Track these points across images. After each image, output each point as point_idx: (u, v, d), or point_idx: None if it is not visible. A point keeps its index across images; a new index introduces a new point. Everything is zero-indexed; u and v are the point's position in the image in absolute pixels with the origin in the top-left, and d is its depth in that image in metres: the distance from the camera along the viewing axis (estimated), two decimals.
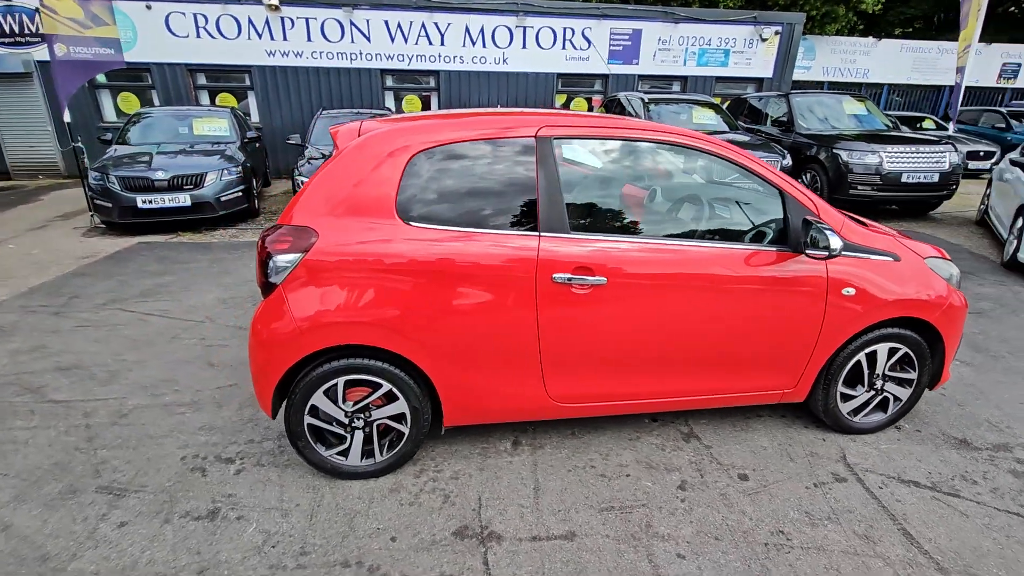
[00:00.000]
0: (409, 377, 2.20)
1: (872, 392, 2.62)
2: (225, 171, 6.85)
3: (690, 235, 2.34)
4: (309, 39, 10.47)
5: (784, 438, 2.67)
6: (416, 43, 10.77)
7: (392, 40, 10.67)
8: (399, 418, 2.28)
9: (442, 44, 10.84)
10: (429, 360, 2.17)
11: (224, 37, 10.23)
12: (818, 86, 14.80)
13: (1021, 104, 14.63)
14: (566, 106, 11.84)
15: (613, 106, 9.80)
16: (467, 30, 10.78)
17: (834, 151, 7.47)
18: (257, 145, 8.63)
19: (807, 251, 2.23)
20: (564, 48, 11.18)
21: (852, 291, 2.36)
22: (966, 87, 15.81)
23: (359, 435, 2.28)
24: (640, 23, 11.16)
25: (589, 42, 11.19)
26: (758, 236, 2.39)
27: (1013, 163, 5.98)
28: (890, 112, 14.34)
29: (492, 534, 2.07)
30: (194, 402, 2.95)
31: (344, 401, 2.22)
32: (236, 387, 3.10)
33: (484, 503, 2.23)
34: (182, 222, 6.79)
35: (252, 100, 10.93)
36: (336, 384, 2.17)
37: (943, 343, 2.55)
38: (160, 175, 6.41)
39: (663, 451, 2.57)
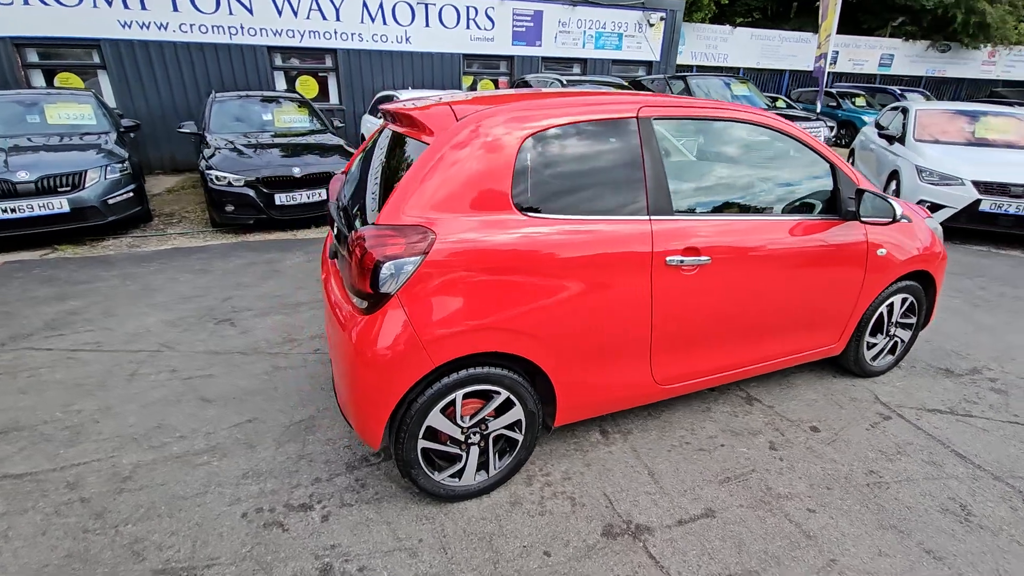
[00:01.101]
0: (526, 380, 2.05)
1: (887, 339, 3.01)
2: (108, 168, 5.66)
3: (766, 210, 2.45)
4: (175, 8, 8.95)
5: (824, 389, 2.96)
6: (308, 17, 9.75)
7: (279, 13, 9.54)
8: (513, 426, 2.12)
9: (338, 19, 9.94)
10: (551, 359, 2.03)
11: (61, 3, 8.34)
12: (688, 69, 16.25)
13: (842, 85, 17.41)
14: (473, 88, 11.62)
15: (523, 86, 9.84)
16: (365, 5, 10.01)
17: None
18: (132, 136, 7.25)
19: (863, 218, 2.47)
20: (468, 28, 10.90)
21: (884, 251, 2.67)
22: (795, 71, 18.55)
23: (475, 451, 2.08)
24: (541, 4, 11.25)
25: (492, 21, 11.04)
26: (808, 207, 2.58)
27: (880, 135, 7.13)
28: None
29: (639, 527, 2.03)
30: (213, 448, 2.45)
31: (461, 417, 2.00)
32: (257, 422, 2.63)
33: (613, 498, 2.17)
34: (58, 233, 5.50)
35: (105, 81, 9.11)
36: (455, 399, 1.95)
37: (935, 289, 3.00)
38: (23, 175, 5.10)
39: (737, 417, 2.71)
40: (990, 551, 1.94)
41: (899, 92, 15.69)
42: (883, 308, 2.86)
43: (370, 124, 8.84)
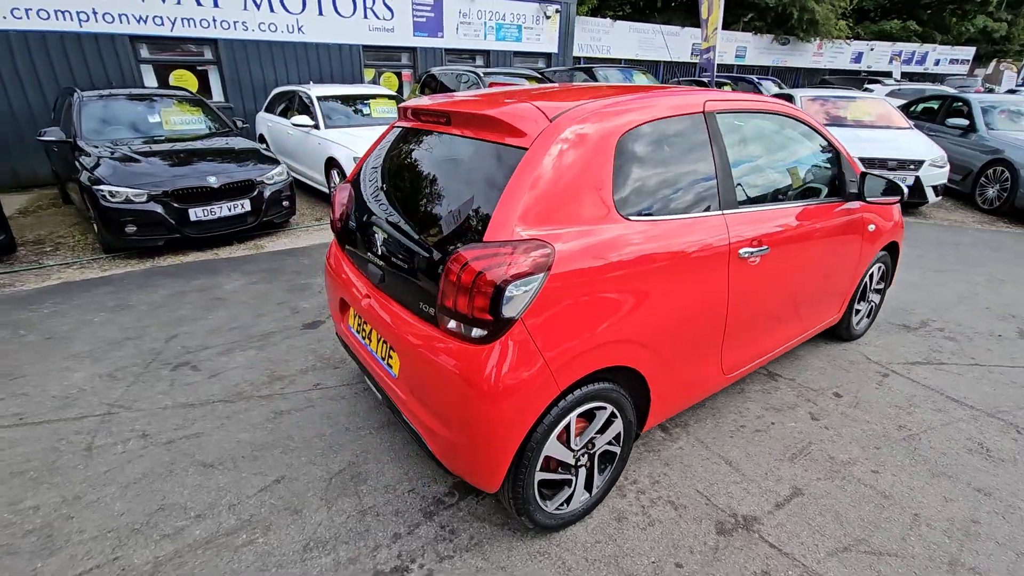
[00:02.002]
0: (627, 390, 1.96)
1: (867, 304, 3.37)
2: None
3: (793, 195, 2.59)
4: None
5: (826, 357, 3.24)
6: (179, 2, 8.48)
7: None
8: (614, 439, 2.03)
9: (216, 5, 8.76)
10: (652, 364, 1.96)
11: None
12: (577, 61, 16.86)
13: (707, 76, 19.17)
14: (375, 82, 10.97)
15: (431, 82, 9.50)
16: None
17: None
18: None
19: (868, 199, 2.71)
20: (366, 17, 10.23)
21: (873, 227, 2.96)
22: (668, 62, 20.13)
23: (583, 473, 1.95)
24: None
25: (391, 11, 10.48)
26: (816, 191, 2.77)
27: None
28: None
29: (747, 518, 2.06)
30: (248, 522, 2.04)
31: (574, 439, 1.86)
32: (288, 481, 2.24)
33: (707, 494, 2.17)
34: None
35: None
36: (569, 422, 1.80)
37: (898, 256, 3.42)
38: None
39: (770, 394, 2.86)
40: (1020, 479, 2.26)
41: (756, 80, 17.70)
42: (866, 278, 3.19)
43: (271, 124, 7.99)
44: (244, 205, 5.35)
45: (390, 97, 7.82)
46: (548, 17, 12.43)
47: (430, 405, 1.80)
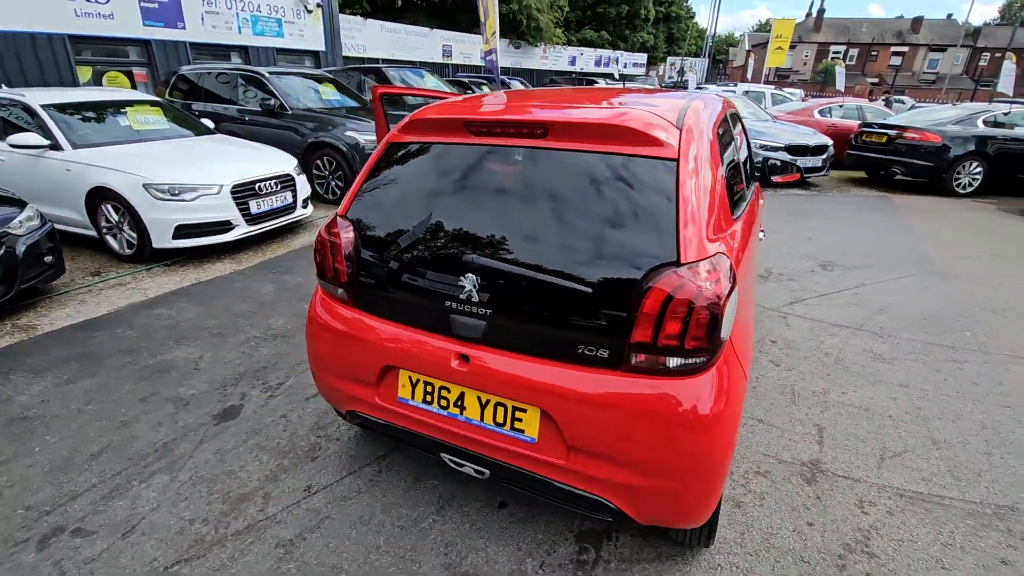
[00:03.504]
0: None
1: None
2: None
3: None
4: None
5: None
6: None
7: None
8: None
9: None
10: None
11: None
12: (347, 61, 15.87)
13: (464, 75, 20.26)
14: (97, 82, 8.36)
15: (181, 84, 7.81)
16: None
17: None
18: None
19: None
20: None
21: None
22: (423, 62, 20.54)
23: None
24: None
25: None
26: None
27: None
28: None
29: (813, 462, 2.36)
30: None
31: None
32: None
33: (772, 454, 2.41)
34: None
35: None
36: None
37: None
38: None
39: None
40: (908, 369, 3.12)
41: (507, 80, 19.46)
42: None
43: None
44: None
45: (153, 104, 6.12)
46: (310, 11, 11.33)
47: (617, 457, 1.55)
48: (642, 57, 32.37)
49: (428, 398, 1.81)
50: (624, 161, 1.60)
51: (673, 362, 1.46)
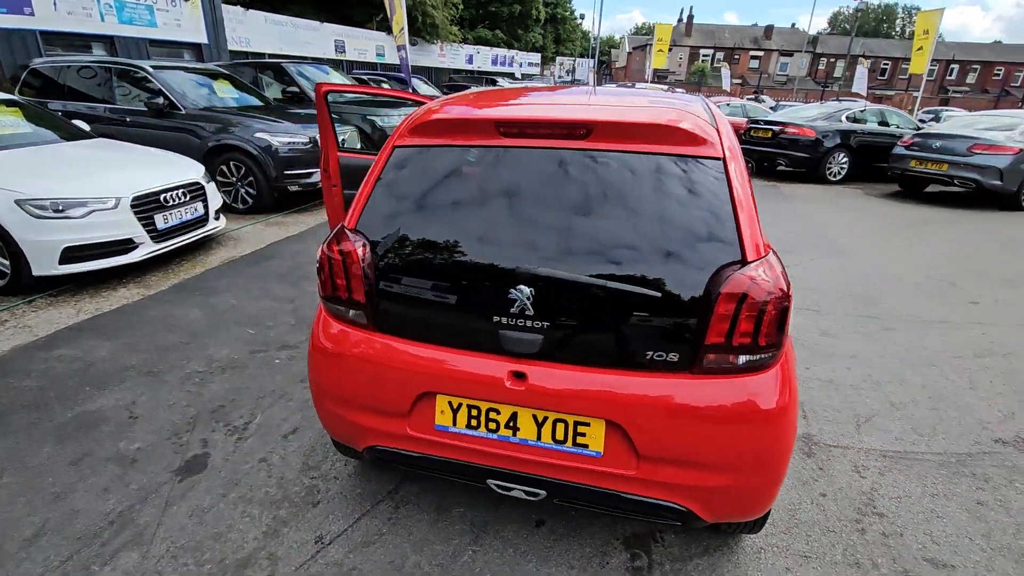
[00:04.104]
0: None
1: None
2: None
3: None
4: None
5: None
6: None
7: None
8: None
9: None
10: None
11: None
12: (233, 56, 14.42)
13: (361, 72, 19.39)
14: None
15: (34, 80, 6.67)
16: None
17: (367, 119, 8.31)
18: None
19: None
20: None
21: None
22: (315, 58, 19.36)
23: None
24: None
25: None
26: None
27: None
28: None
29: (807, 436, 2.53)
30: None
31: None
32: None
33: None
34: None
35: None
36: None
37: None
38: None
39: None
40: (849, 343, 3.48)
41: (408, 78, 18.90)
42: None
43: None
44: None
45: (8, 103, 5.12)
46: None
47: (690, 460, 1.53)
48: (536, 57, 33.22)
49: (473, 423, 1.67)
50: (674, 162, 1.57)
51: (744, 360, 1.47)
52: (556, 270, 1.53)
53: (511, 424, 1.63)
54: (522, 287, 1.53)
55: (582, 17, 48.04)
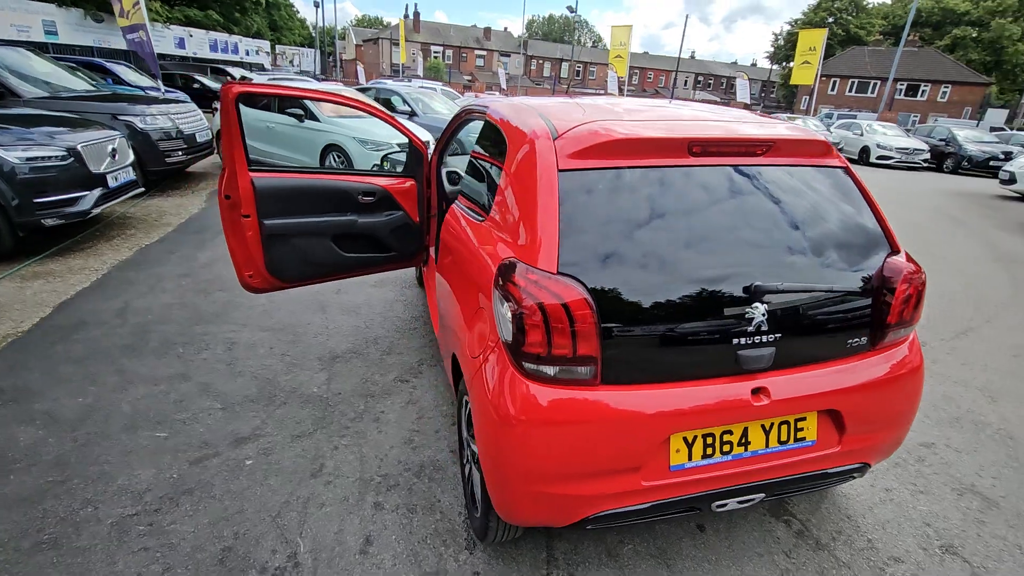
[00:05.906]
0: None
1: None
2: None
3: None
4: None
5: None
6: None
7: None
8: None
9: None
10: None
11: None
12: None
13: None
14: None
15: None
16: None
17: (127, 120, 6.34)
18: None
19: None
20: None
21: None
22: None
23: None
24: None
25: None
26: None
27: None
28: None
29: None
30: None
31: None
32: None
33: None
34: None
35: None
36: None
37: None
38: None
39: None
40: None
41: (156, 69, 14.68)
42: None
43: None
44: None
45: None
46: None
47: (876, 422, 1.77)
48: (265, 44, 29.50)
49: (709, 451, 1.61)
50: (824, 172, 1.78)
51: (903, 332, 1.79)
52: (783, 283, 1.58)
53: (743, 441, 1.63)
54: (757, 304, 1.54)
55: (291, 5, 44.59)
